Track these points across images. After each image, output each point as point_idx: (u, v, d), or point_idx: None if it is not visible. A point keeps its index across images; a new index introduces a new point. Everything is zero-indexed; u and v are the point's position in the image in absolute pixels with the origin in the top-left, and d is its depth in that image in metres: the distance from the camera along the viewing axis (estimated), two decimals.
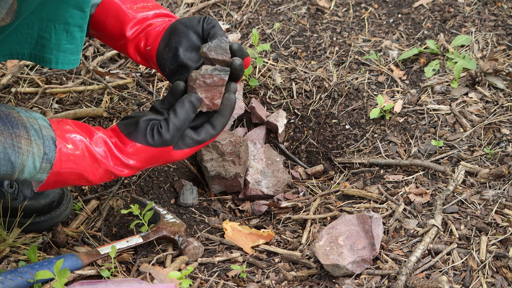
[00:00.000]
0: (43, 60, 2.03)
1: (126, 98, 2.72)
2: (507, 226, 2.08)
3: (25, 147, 1.82)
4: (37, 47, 2.01)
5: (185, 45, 2.06)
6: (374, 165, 2.41)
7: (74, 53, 2.03)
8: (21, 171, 1.83)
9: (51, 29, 1.98)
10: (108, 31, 2.16)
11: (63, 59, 2.03)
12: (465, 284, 1.94)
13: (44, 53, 2.02)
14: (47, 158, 1.83)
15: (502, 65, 2.59)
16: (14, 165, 1.81)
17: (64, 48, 2.01)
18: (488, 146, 2.38)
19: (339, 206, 2.26)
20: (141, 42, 2.12)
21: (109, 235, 2.29)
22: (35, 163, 1.83)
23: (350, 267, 1.97)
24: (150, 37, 2.11)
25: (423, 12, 2.95)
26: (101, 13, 2.16)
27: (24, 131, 1.82)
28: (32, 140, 1.83)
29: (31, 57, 2.03)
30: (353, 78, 2.69)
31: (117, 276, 2.07)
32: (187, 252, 2.13)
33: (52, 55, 2.02)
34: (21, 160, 1.81)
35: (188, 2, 3.12)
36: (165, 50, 2.09)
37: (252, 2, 3.07)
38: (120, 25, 2.14)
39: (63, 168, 1.86)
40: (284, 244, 2.17)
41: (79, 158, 1.87)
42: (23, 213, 2.22)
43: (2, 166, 1.80)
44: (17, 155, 1.81)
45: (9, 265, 2.10)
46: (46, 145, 1.84)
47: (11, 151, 1.81)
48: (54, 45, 2.00)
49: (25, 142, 1.82)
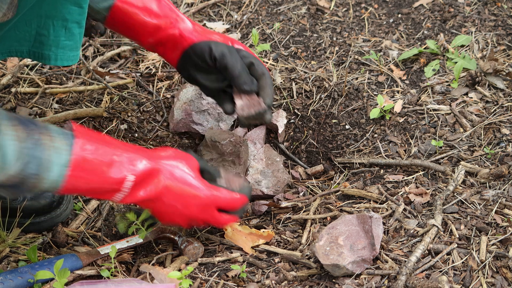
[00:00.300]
0: (42, 57, 2.03)
1: (126, 98, 2.72)
2: (507, 226, 2.08)
3: (49, 143, 1.79)
4: (36, 44, 2.01)
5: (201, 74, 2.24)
6: (374, 165, 2.41)
7: (73, 50, 2.04)
8: (47, 169, 1.78)
9: (50, 26, 1.98)
10: (124, 34, 2.26)
11: (62, 56, 2.03)
12: (465, 284, 1.94)
13: (43, 50, 2.02)
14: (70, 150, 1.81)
15: (502, 65, 2.59)
16: (39, 161, 1.76)
17: (63, 44, 2.01)
18: (488, 146, 2.38)
19: (339, 206, 2.26)
20: (158, 51, 2.26)
21: (109, 235, 2.29)
22: (60, 156, 1.79)
23: (350, 267, 1.97)
24: (166, 54, 2.26)
25: (423, 12, 2.95)
26: (114, 20, 2.21)
27: (45, 130, 1.80)
28: (54, 137, 1.80)
29: (30, 54, 2.03)
30: (353, 78, 2.69)
31: (117, 276, 2.07)
32: (187, 252, 2.13)
33: (51, 52, 2.02)
34: (46, 157, 1.77)
35: (188, 2, 3.12)
36: (182, 71, 2.27)
37: (252, 2, 3.07)
38: (134, 35, 2.24)
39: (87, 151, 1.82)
40: (284, 244, 2.17)
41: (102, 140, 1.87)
42: (23, 213, 2.22)
43: (28, 165, 1.76)
44: (41, 149, 1.77)
45: (9, 265, 2.10)
46: (67, 139, 1.82)
47: (34, 147, 1.77)
48: (53, 41, 2.00)
49: (49, 139, 1.79)
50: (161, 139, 2.61)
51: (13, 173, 1.74)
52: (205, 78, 2.26)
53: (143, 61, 2.90)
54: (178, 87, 2.76)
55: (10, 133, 1.74)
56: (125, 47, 2.93)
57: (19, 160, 1.74)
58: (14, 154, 1.73)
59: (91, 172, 1.85)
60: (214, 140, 2.40)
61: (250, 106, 2.24)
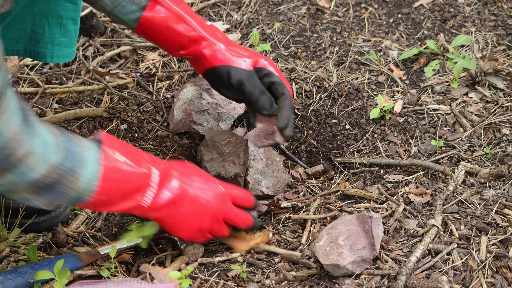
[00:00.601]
0: (38, 55, 2.03)
1: (126, 98, 2.72)
2: (507, 226, 2.08)
3: (79, 142, 1.80)
4: (32, 42, 2.01)
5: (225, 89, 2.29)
6: (374, 165, 2.41)
7: (68, 46, 2.04)
8: (82, 164, 1.77)
9: (44, 24, 1.98)
10: (154, 44, 2.30)
11: (58, 53, 2.03)
12: (465, 284, 1.94)
13: (38, 47, 2.02)
14: (99, 150, 1.82)
15: (502, 65, 2.59)
16: (75, 156, 1.76)
17: (58, 41, 2.01)
18: (488, 146, 2.38)
19: (339, 206, 2.26)
20: (187, 60, 2.31)
21: (109, 235, 2.29)
22: (92, 153, 1.80)
23: (350, 267, 1.97)
24: (193, 66, 2.31)
25: (423, 12, 2.95)
26: (142, 33, 2.24)
27: (73, 134, 1.81)
28: (79, 138, 1.82)
29: (26, 53, 2.03)
30: (353, 78, 2.69)
31: (117, 276, 2.07)
32: (187, 252, 2.13)
33: (46, 49, 2.02)
34: (80, 152, 1.77)
35: (188, 2, 3.12)
36: (209, 81, 2.31)
37: (252, 2, 3.07)
38: (163, 48, 2.28)
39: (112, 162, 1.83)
40: (284, 244, 2.17)
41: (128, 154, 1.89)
42: (23, 213, 2.22)
43: (68, 159, 1.75)
44: (77, 145, 1.77)
45: (9, 265, 2.10)
46: (95, 143, 1.83)
47: (70, 143, 1.77)
48: (48, 39, 2.00)
49: (77, 140, 1.80)
50: (161, 139, 2.61)
51: (53, 164, 1.73)
52: (229, 93, 2.31)
53: (143, 61, 2.90)
54: (178, 87, 2.77)
55: (44, 128, 1.74)
56: (125, 47, 2.94)
57: (58, 151, 1.73)
58: (53, 143, 1.73)
59: (120, 171, 1.85)
60: (214, 140, 2.40)
61: (267, 134, 2.29)
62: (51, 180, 1.74)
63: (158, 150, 2.58)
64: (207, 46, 2.24)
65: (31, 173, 1.70)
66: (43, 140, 1.71)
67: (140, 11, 2.19)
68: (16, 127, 1.65)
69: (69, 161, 1.75)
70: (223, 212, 2.04)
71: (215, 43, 2.25)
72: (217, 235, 2.07)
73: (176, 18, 2.22)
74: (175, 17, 2.22)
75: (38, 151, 1.70)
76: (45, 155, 1.71)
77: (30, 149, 1.68)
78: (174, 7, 2.23)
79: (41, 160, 1.70)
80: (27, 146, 1.67)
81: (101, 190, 1.82)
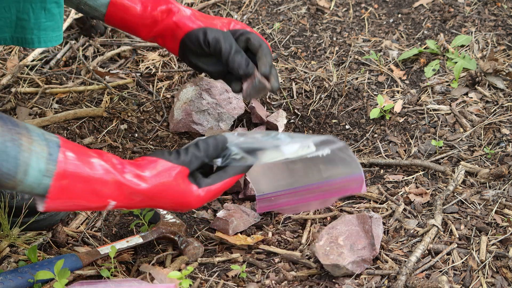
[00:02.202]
0: (26, 42, 2.03)
1: (126, 98, 2.72)
2: (507, 226, 2.08)
3: (27, 145, 1.72)
4: (18, 29, 2.01)
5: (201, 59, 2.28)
6: (374, 165, 2.41)
7: (55, 30, 2.04)
8: (24, 173, 1.71)
9: (29, 9, 1.98)
10: (124, 30, 2.31)
11: (45, 38, 2.03)
12: (465, 284, 1.94)
13: (25, 34, 2.01)
14: (52, 159, 1.74)
15: (502, 65, 2.59)
16: (17, 162, 1.70)
17: (44, 26, 2.01)
18: (488, 146, 2.38)
19: (339, 206, 2.26)
20: (159, 42, 2.30)
21: (109, 235, 2.29)
22: (39, 163, 1.72)
23: (350, 267, 1.97)
24: (166, 45, 2.30)
25: (423, 12, 2.95)
26: (112, 17, 2.25)
27: (26, 131, 1.74)
28: (34, 140, 1.74)
29: (13, 41, 2.03)
30: (353, 78, 2.69)
31: (117, 276, 2.07)
32: (187, 252, 2.13)
33: (33, 35, 2.02)
34: (23, 158, 1.71)
35: (188, 2, 3.12)
36: (184, 59, 2.30)
37: (252, 2, 3.07)
38: (133, 31, 2.29)
39: (68, 170, 1.75)
40: (284, 244, 2.17)
41: (85, 164, 1.78)
42: (26, 211, 2.22)
43: (4, 163, 1.69)
44: (18, 150, 1.71)
45: (9, 265, 2.10)
46: (50, 146, 1.75)
47: (11, 145, 1.70)
48: (34, 24, 2.00)
49: (27, 141, 1.73)
50: (161, 139, 2.61)
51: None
52: (206, 63, 2.29)
53: (143, 61, 2.90)
54: (178, 87, 2.77)
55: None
56: (125, 47, 2.94)
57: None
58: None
59: (69, 197, 1.78)
60: None
61: (249, 85, 2.24)
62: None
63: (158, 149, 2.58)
64: (179, 15, 2.26)
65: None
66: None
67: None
68: None
69: (4, 166, 1.70)
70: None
71: (186, 11, 2.27)
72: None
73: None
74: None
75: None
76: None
77: None
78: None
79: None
80: None
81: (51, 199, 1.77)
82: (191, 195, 1.90)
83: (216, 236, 2.22)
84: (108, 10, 2.23)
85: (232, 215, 2.24)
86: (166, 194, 1.87)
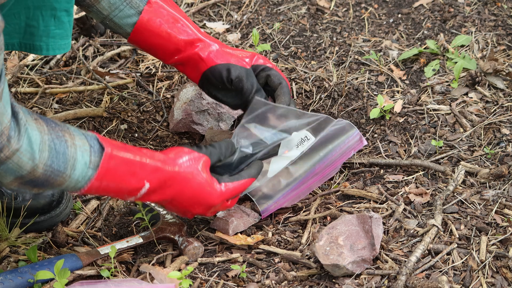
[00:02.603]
0: (34, 48, 2.03)
1: (126, 98, 2.72)
2: (507, 226, 2.09)
3: (71, 141, 1.81)
4: (26, 35, 2.01)
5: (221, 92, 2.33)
6: (374, 165, 2.41)
7: (63, 38, 2.04)
8: (72, 167, 1.80)
9: (38, 16, 1.98)
10: (147, 52, 2.32)
11: (53, 45, 2.04)
12: (465, 284, 1.94)
13: (33, 41, 2.02)
14: (94, 151, 1.84)
15: (502, 65, 2.59)
16: (66, 158, 1.79)
17: (53, 34, 2.02)
18: (488, 146, 2.38)
19: (339, 206, 2.26)
20: (179, 69, 2.33)
21: (109, 235, 2.29)
22: (84, 156, 1.82)
23: (350, 267, 1.97)
24: (186, 73, 2.33)
25: (423, 12, 2.95)
26: (137, 38, 2.26)
27: (66, 128, 1.83)
28: (75, 135, 1.83)
29: (21, 47, 2.03)
30: (353, 78, 2.69)
31: (117, 276, 2.07)
32: (187, 252, 2.13)
33: (42, 42, 2.02)
34: (71, 153, 1.80)
35: (188, 2, 3.12)
36: (204, 89, 2.34)
37: (252, 2, 3.07)
38: (157, 54, 2.30)
39: (113, 153, 1.86)
40: (284, 244, 2.17)
41: (126, 150, 1.91)
42: (25, 213, 2.22)
43: (55, 160, 1.78)
44: (65, 146, 1.80)
45: (9, 265, 2.10)
46: (89, 139, 1.85)
47: (58, 142, 1.79)
48: (43, 32, 2.00)
49: (69, 137, 1.82)
50: (161, 139, 2.61)
51: (39, 163, 1.76)
52: (225, 95, 2.34)
53: (143, 61, 2.90)
54: (178, 87, 2.77)
55: (32, 124, 1.76)
56: (125, 47, 2.93)
57: (44, 152, 1.76)
58: (38, 144, 1.75)
59: (113, 179, 1.89)
60: (214, 140, 2.40)
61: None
62: (37, 177, 1.78)
63: (158, 150, 2.58)
64: (204, 47, 2.27)
65: (17, 170, 1.75)
66: (29, 138, 1.74)
67: (138, 15, 2.21)
68: (6, 121, 1.68)
69: (55, 163, 1.78)
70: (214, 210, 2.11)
71: (211, 44, 2.28)
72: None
73: (173, 21, 2.24)
74: (171, 19, 2.24)
75: (24, 149, 1.73)
76: (32, 154, 1.74)
77: (17, 147, 1.71)
78: (171, 10, 2.24)
79: (28, 159, 1.74)
80: (14, 144, 1.71)
81: (89, 189, 1.88)
82: (213, 186, 2.03)
83: (216, 236, 2.22)
84: (133, 31, 2.24)
85: (232, 215, 2.24)
86: (192, 181, 2.00)
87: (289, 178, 2.25)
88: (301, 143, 2.24)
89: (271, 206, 2.24)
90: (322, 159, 2.24)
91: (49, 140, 1.78)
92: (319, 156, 2.24)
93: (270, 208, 2.24)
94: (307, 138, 2.24)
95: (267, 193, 2.24)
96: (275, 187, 2.24)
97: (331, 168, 2.27)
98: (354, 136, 2.24)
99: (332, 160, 2.25)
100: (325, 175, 2.28)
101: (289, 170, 2.24)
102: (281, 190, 2.24)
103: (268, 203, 2.23)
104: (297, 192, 2.25)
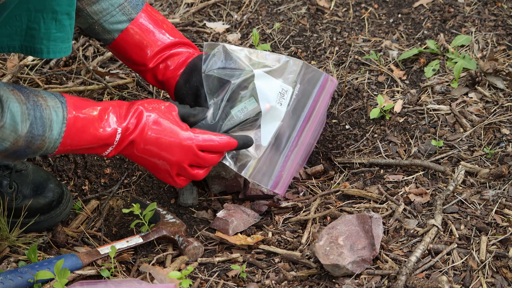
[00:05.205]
0: (34, 51, 2.04)
1: (126, 98, 2.72)
2: (507, 226, 2.09)
3: (44, 103, 1.93)
4: (27, 38, 2.02)
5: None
6: (374, 165, 2.41)
7: (64, 41, 2.05)
8: (50, 128, 1.91)
9: (40, 19, 1.99)
10: (129, 57, 2.31)
11: (54, 48, 2.04)
12: (465, 284, 1.94)
13: (34, 44, 2.02)
14: (64, 107, 1.95)
15: (502, 65, 2.59)
16: (43, 121, 1.90)
17: (54, 37, 2.02)
18: (488, 146, 2.38)
19: (339, 206, 2.26)
20: (160, 71, 2.29)
21: (109, 235, 2.29)
22: (58, 114, 1.93)
23: (350, 267, 1.97)
24: (169, 69, 2.29)
25: (423, 12, 2.95)
26: (124, 40, 2.27)
27: (37, 92, 1.94)
28: (46, 97, 1.94)
29: (22, 49, 2.04)
30: (353, 78, 2.69)
31: (117, 276, 2.07)
32: (187, 252, 2.13)
33: (43, 45, 2.03)
34: (46, 115, 1.91)
35: (188, 2, 3.12)
36: (184, 86, 2.27)
37: (252, 2, 3.07)
38: (143, 55, 2.29)
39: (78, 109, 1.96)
40: (284, 244, 2.17)
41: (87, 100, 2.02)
42: (25, 213, 2.22)
43: (35, 126, 1.89)
44: (41, 109, 1.91)
45: (9, 265, 2.10)
46: (58, 97, 1.96)
47: (35, 107, 1.91)
48: (44, 34, 2.01)
49: (42, 99, 1.93)
50: None
51: (23, 135, 1.88)
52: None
53: None
54: None
55: (11, 97, 1.87)
56: None
57: (25, 121, 1.87)
58: (20, 115, 1.87)
59: (83, 129, 1.98)
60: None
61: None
62: (19, 147, 1.90)
63: None
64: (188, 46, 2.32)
65: (1, 144, 1.87)
66: (11, 113, 1.86)
67: (128, 22, 2.23)
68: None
69: (35, 128, 1.90)
70: (188, 160, 2.11)
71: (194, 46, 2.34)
72: (189, 179, 2.16)
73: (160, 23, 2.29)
74: (159, 22, 2.29)
75: (8, 123, 1.86)
76: (14, 126, 1.86)
77: (1, 124, 1.85)
78: (157, 16, 2.30)
79: (11, 131, 1.86)
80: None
81: (61, 147, 1.96)
82: (182, 127, 2.08)
83: (216, 236, 2.22)
84: (119, 36, 2.27)
85: (232, 215, 2.24)
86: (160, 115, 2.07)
87: (280, 142, 2.25)
88: (282, 98, 2.22)
89: (277, 178, 2.23)
90: (306, 113, 2.28)
91: (28, 108, 1.88)
92: (303, 111, 2.28)
93: (277, 181, 2.23)
94: (284, 90, 2.22)
95: (266, 170, 2.22)
96: (272, 157, 2.23)
97: (317, 118, 2.32)
98: (324, 80, 2.31)
99: (315, 109, 2.30)
100: (315, 128, 2.32)
101: (278, 135, 2.24)
102: (278, 154, 2.23)
103: (272, 178, 2.22)
104: (297, 155, 2.26)
